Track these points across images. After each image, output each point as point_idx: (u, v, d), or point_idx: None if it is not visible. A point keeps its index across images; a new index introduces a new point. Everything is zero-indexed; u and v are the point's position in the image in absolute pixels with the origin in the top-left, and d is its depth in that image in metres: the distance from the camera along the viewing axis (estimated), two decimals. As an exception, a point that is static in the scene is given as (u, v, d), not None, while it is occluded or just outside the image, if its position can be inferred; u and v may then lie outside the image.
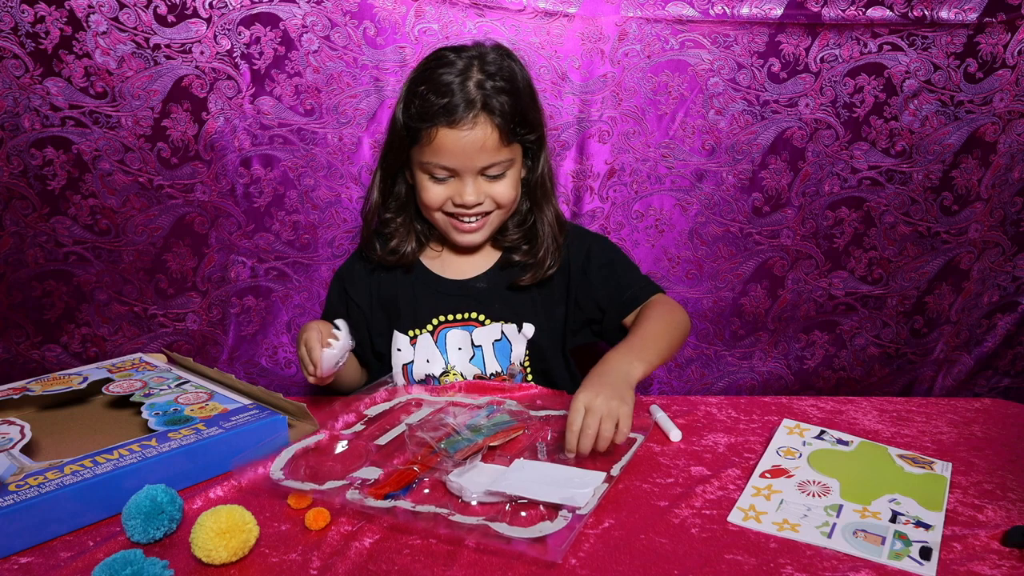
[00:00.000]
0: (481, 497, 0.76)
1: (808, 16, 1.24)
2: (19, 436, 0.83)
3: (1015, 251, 1.41)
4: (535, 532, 0.70)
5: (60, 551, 0.70)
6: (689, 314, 1.09)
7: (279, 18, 1.20)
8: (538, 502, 0.74)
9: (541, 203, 1.12)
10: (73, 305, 1.29)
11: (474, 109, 0.99)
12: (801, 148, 1.32)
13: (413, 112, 1.02)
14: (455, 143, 1.00)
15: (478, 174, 1.03)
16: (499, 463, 0.84)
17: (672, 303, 1.11)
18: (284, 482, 0.80)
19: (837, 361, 1.48)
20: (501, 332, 1.11)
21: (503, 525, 0.71)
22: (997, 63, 1.27)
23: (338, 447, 0.88)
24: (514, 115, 1.02)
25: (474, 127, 0.99)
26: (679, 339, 1.07)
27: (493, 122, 1.00)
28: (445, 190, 1.05)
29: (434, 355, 1.12)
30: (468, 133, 0.99)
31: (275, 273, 1.35)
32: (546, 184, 1.12)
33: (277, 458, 0.84)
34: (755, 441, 0.93)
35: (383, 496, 0.76)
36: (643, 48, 1.27)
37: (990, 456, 0.91)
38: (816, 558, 0.69)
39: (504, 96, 1.01)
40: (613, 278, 1.13)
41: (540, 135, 1.10)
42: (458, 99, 0.99)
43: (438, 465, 0.82)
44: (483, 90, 1.00)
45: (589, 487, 0.77)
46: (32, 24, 1.13)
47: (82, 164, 1.21)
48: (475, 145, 1.00)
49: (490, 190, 1.05)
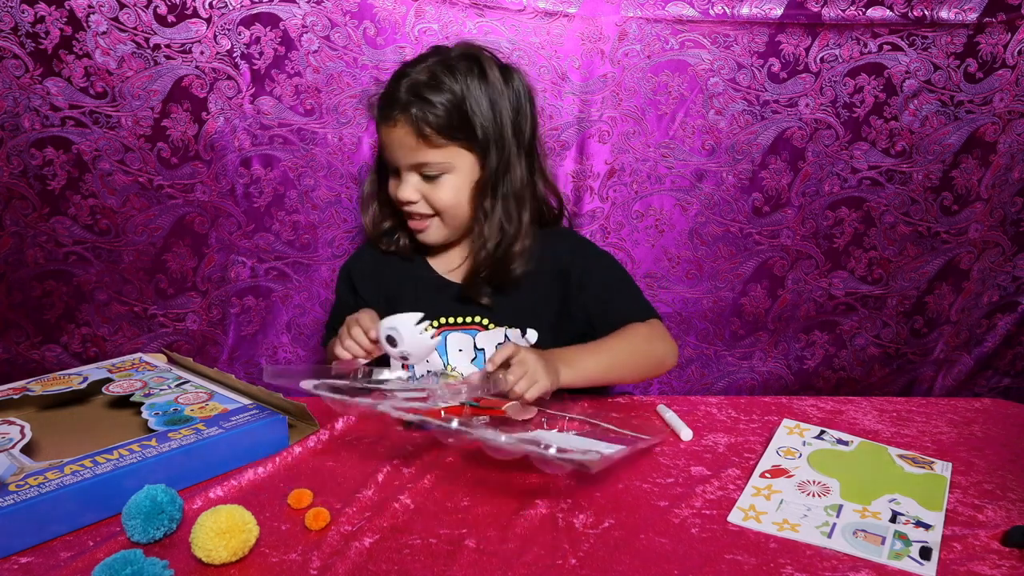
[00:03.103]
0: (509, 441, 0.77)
1: (808, 16, 1.24)
2: (19, 436, 0.83)
3: (1015, 251, 1.41)
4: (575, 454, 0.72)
5: (60, 551, 0.70)
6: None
7: (279, 18, 1.20)
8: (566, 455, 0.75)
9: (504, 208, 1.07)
10: (73, 305, 1.29)
11: (396, 108, 1.03)
12: (801, 148, 1.32)
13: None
14: (384, 137, 1.06)
15: (414, 171, 1.06)
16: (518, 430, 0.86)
17: (656, 332, 1.08)
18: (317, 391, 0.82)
19: (837, 361, 1.48)
20: (505, 336, 1.11)
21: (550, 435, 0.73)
22: (997, 63, 1.27)
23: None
24: (443, 121, 1.02)
25: (395, 125, 1.03)
26: (639, 364, 1.06)
27: (414, 123, 1.02)
28: (395, 186, 1.09)
29: (433, 356, 1.12)
30: (392, 129, 1.04)
31: (275, 273, 1.35)
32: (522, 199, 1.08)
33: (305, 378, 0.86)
34: (755, 441, 0.93)
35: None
36: (643, 48, 1.27)
37: (990, 456, 0.91)
38: (816, 558, 0.69)
39: (433, 102, 1.01)
40: (609, 298, 1.11)
41: (501, 147, 1.05)
42: (388, 97, 1.04)
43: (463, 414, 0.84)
44: (412, 92, 1.02)
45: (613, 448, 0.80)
46: (32, 24, 1.13)
47: (82, 164, 1.21)
48: (396, 142, 1.04)
49: (426, 191, 1.07)
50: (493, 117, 1.05)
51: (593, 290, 1.11)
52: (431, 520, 0.74)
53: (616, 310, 1.10)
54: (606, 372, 1.02)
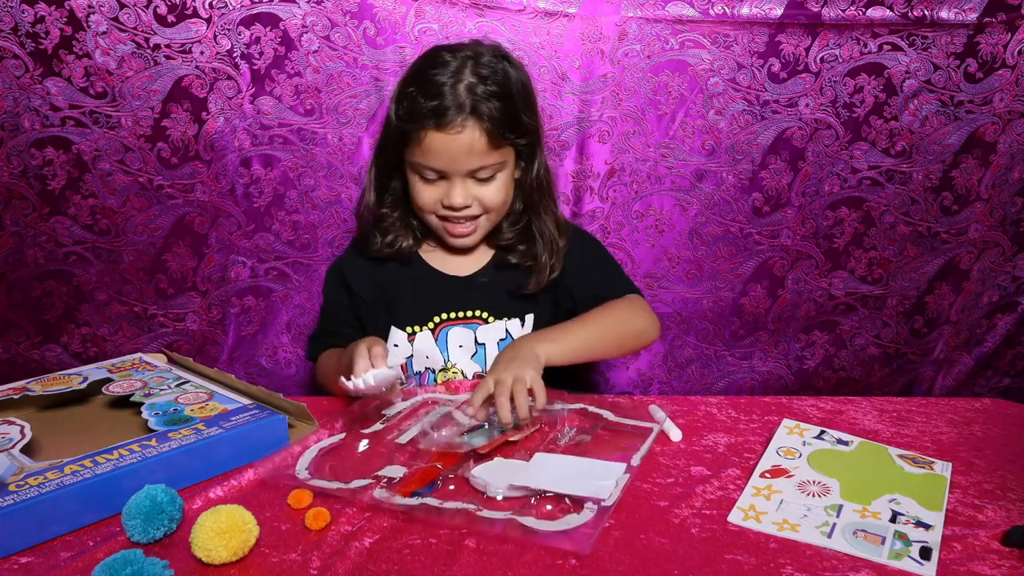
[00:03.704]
0: (506, 492, 0.77)
1: (808, 16, 1.24)
2: (19, 436, 0.83)
3: (1015, 251, 1.41)
4: (563, 525, 0.71)
5: (60, 551, 0.70)
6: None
7: (279, 18, 1.20)
8: (563, 495, 0.75)
9: (539, 206, 1.12)
10: (73, 305, 1.29)
11: (463, 113, 0.99)
12: (801, 148, 1.32)
13: (403, 113, 1.02)
14: (443, 146, 1.00)
15: (467, 176, 1.04)
16: (518, 458, 0.84)
17: (636, 306, 1.10)
18: (311, 481, 0.80)
19: (837, 361, 1.48)
20: (506, 331, 1.12)
21: (531, 519, 0.72)
22: (997, 63, 1.27)
23: (360, 446, 0.88)
24: (504, 119, 1.02)
25: (462, 131, 0.99)
26: (622, 337, 1.07)
27: (482, 126, 1.00)
28: (435, 192, 1.05)
29: (433, 352, 1.12)
30: (456, 136, 0.99)
31: (275, 273, 1.35)
32: (543, 186, 1.12)
33: (301, 457, 0.84)
34: (755, 441, 0.93)
35: (410, 494, 0.76)
36: (643, 48, 1.27)
37: (990, 456, 0.91)
38: (816, 558, 0.69)
39: (495, 100, 1.01)
40: (589, 275, 1.13)
41: (534, 139, 1.09)
42: (448, 102, 0.99)
43: (460, 461, 0.83)
44: (473, 94, 1.00)
45: (611, 478, 0.78)
46: (32, 24, 1.13)
47: (82, 164, 1.21)
48: (462, 149, 1.00)
49: (479, 193, 1.05)
50: (533, 112, 1.08)
51: (576, 269, 1.13)
52: (431, 520, 0.74)
53: (595, 286, 1.12)
54: (587, 346, 1.02)
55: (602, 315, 1.06)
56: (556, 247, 1.12)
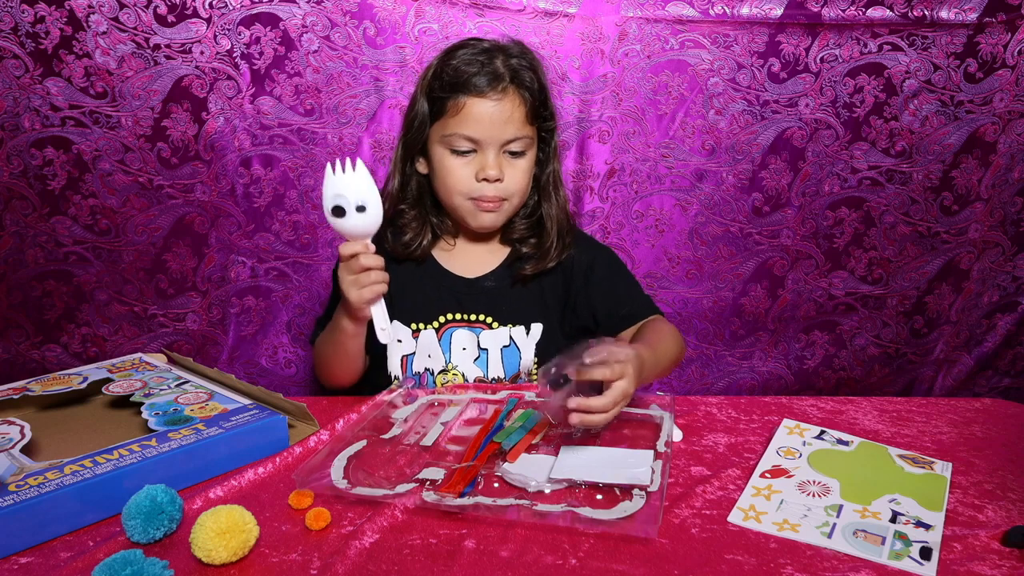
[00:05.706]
0: (549, 485, 0.78)
1: (808, 16, 1.24)
2: (19, 436, 0.83)
3: (1015, 251, 1.41)
4: (621, 512, 0.72)
5: (60, 551, 0.70)
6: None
7: (279, 18, 1.20)
8: (608, 484, 0.76)
9: (552, 197, 1.13)
10: (73, 305, 1.29)
11: (504, 81, 1.02)
12: (801, 148, 1.32)
13: (445, 81, 1.03)
14: (483, 112, 1.01)
15: (500, 149, 1.04)
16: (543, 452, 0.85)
17: (676, 330, 1.10)
18: (354, 490, 0.79)
19: (837, 361, 1.48)
20: (510, 337, 1.11)
21: (587, 509, 0.72)
22: (997, 63, 1.27)
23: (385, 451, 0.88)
24: (540, 94, 1.05)
25: (503, 98, 1.02)
26: (673, 363, 1.07)
27: (522, 95, 1.03)
28: (468, 167, 1.04)
29: (436, 352, 1.12)
30: (497, 103, 1.01)
31: (275, 273, 1.35)
32: (557, 179, 1.14)
33: (331, 468, 0.83)
34: (755, 441, 0.93)
35: (459, 494, 0.76)
36: (643, 48, 1.27)
37: (990, 456, 0.91)
38: (816, 558, 0.69)
39: (531, 73, 1.04)
40: (613, 291, 1.12)
41: (554, 127, 1.11)
42: (490, 69, 1.02)
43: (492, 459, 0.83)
44: (510, 67, 1.03)
45: (644, 465, 0.80)
46: (32, 24, 1.13)
47: (82, 164, 1.21)
48: (503, 115, 1.02)
49: (508, 172, 1.05)
50: (551, 104, 1.09)
51: (598, 283, 1.12)
52: (431, 520, 0.74)
53: (625, 304, 1.11)
54: (655, 372, 1.00)
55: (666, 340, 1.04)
56: (561, 236, 1.11)
